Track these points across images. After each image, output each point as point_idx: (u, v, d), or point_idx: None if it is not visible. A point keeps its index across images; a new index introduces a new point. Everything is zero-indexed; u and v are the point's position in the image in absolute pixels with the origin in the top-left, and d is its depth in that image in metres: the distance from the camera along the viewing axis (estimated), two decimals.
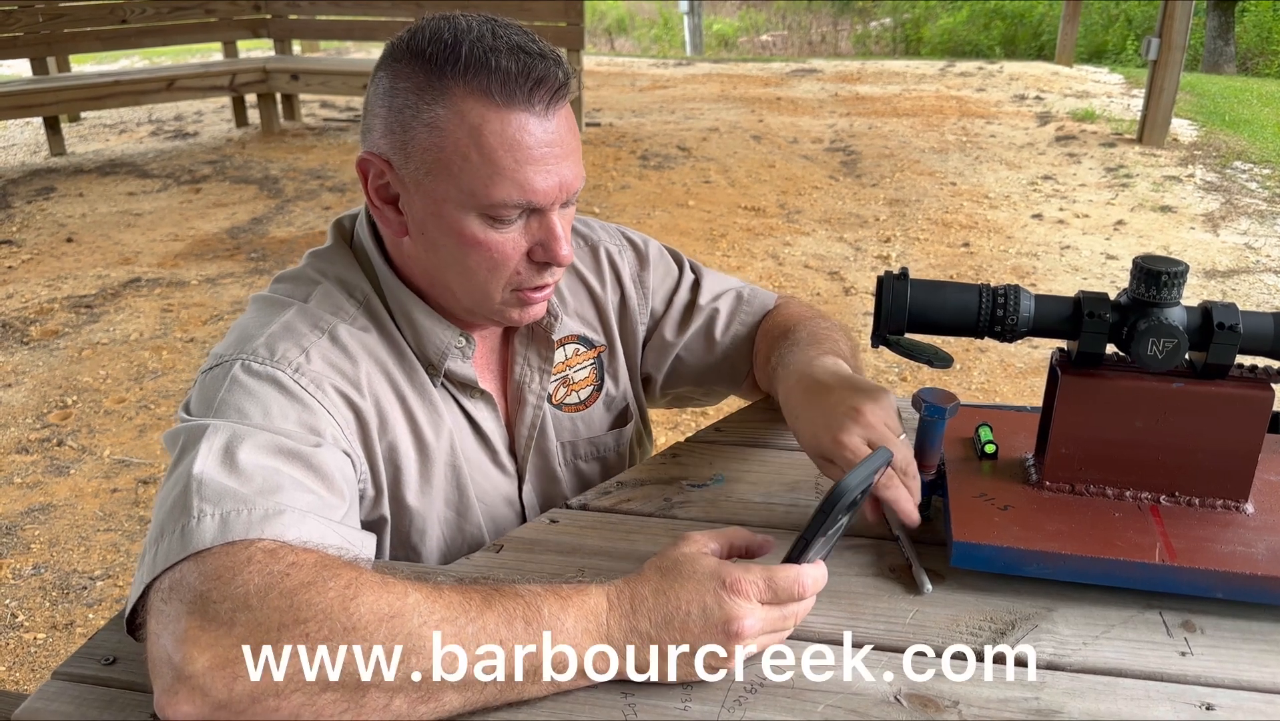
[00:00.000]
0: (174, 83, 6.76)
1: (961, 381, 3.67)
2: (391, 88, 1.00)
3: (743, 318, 1.36)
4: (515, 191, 0.99)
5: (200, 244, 4.99)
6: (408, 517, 1.11)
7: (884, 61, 11.43)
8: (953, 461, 1.13)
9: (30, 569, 2.65)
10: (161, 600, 0.80)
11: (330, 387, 1.01)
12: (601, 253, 1.31)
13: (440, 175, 0.99)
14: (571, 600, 0.84)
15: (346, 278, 1.10)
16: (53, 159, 6.59)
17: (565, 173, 1.01)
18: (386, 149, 1.02)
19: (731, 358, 1.35)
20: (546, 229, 1.03)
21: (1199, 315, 1.00)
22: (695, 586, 0.85)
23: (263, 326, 1.02)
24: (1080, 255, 4.84)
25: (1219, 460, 1.03)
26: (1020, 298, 1.02)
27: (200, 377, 1.00)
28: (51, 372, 3.70)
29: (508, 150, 0.97)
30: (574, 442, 1.28)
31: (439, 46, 0.97)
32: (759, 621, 0.84)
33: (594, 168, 6.19)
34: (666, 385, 1.38)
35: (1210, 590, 0.96)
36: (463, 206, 1.00)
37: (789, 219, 5.38)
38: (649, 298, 1.34)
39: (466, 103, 0.97)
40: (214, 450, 0.88)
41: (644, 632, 0.84)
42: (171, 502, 0.85)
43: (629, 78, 9.80)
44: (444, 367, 1.11)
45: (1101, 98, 8.57)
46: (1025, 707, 0.85)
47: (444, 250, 1.04)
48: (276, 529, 0.83)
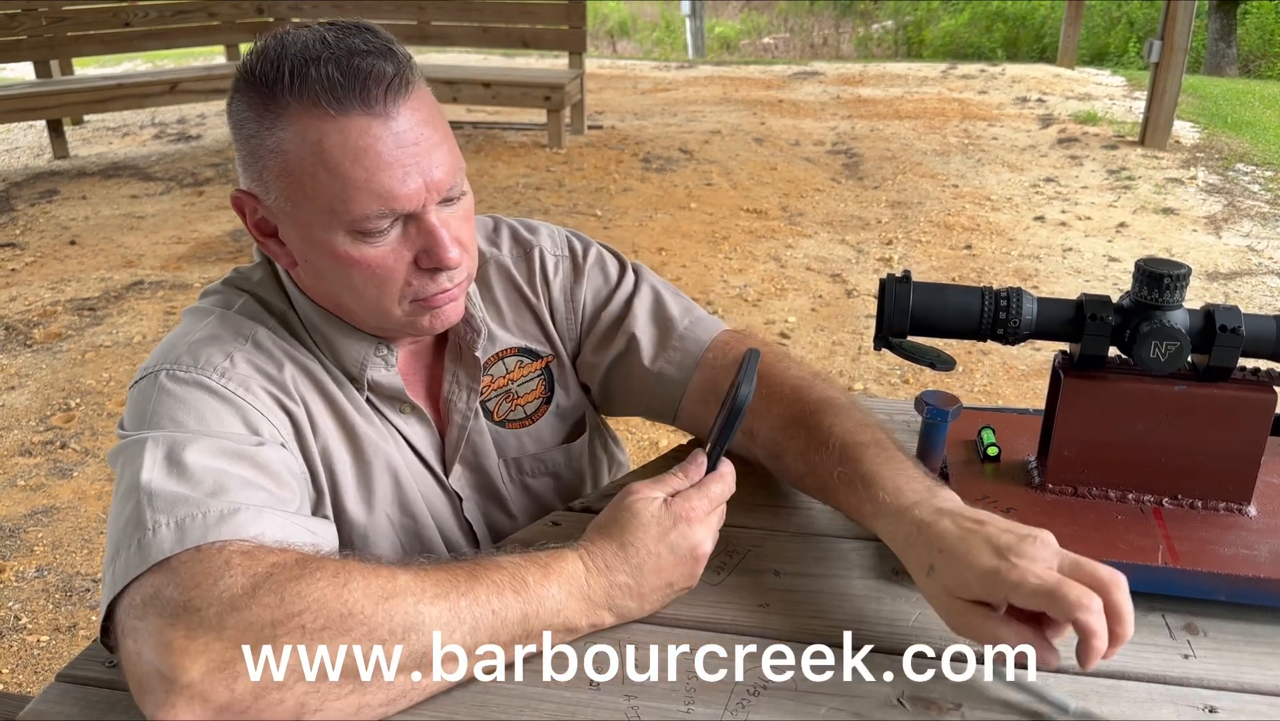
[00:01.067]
0: (177, 85, 6.77)
1: (964, 384, 3.67)
2: (238, 119, 0.96)
3: (670, 355, 1.20)
4: (374, 202, 0.93)
5: (203, 246, 5.00)
6: (348, 524, 1.09)
7: (886, 64, 11.44)
8: (955, 464, 1.13)
9: (33, 571, 2.65)
10: (135, 617, 0.78)
11: (259, 389, 0.99)
12: (536, 258, 1.22)
13: (298, 200, 0.94)
14: (551, 566, 0.89)
15: (263, 295, 1.08)
16: (56, 162, 6.60)
17: (430, 169, 0.95)
18: (249, 183, 0.98)
19: (660, 396, 1.21)
20: (426, 233, 0.97)
21: (1201, 318, 1.00)
22: (656, 529, 0.92)
23: (184, 336, 1.01)
24: (1082, 257, 4.84)
25: (1221, 462, 1.03)
26: (1022, 300, 1.02)
27: (130, 394, 0.99)
28: (54, 375, 3.70)
29: (355, 160, 0.91)
30: (519, 459, 1.24)
31: (267, 65, 0.92)
32: (711, 530, 0.95)
33: (596, 171, 6.20)
34: (606, 406, 1.30)
35: (1213, 592, 0.96)
36: (328, 227, 0.95)
37: (791, 221, 5.38)
38: (578, 312, 1.24)
39: (303, 120, 0.91)
40: (158, 460, 0.87)
41: (622, 584, 0.91)
42: (125, 519, 0.84)
43: (631, 80, 9.81)
44: (366, 379, 1.08)
45: (1103, 100, 8.57)
46: (1028, 710, 0.85)
47: (329, 274, 1.00)
48: (232, 528, 0.82)
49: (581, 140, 6.95)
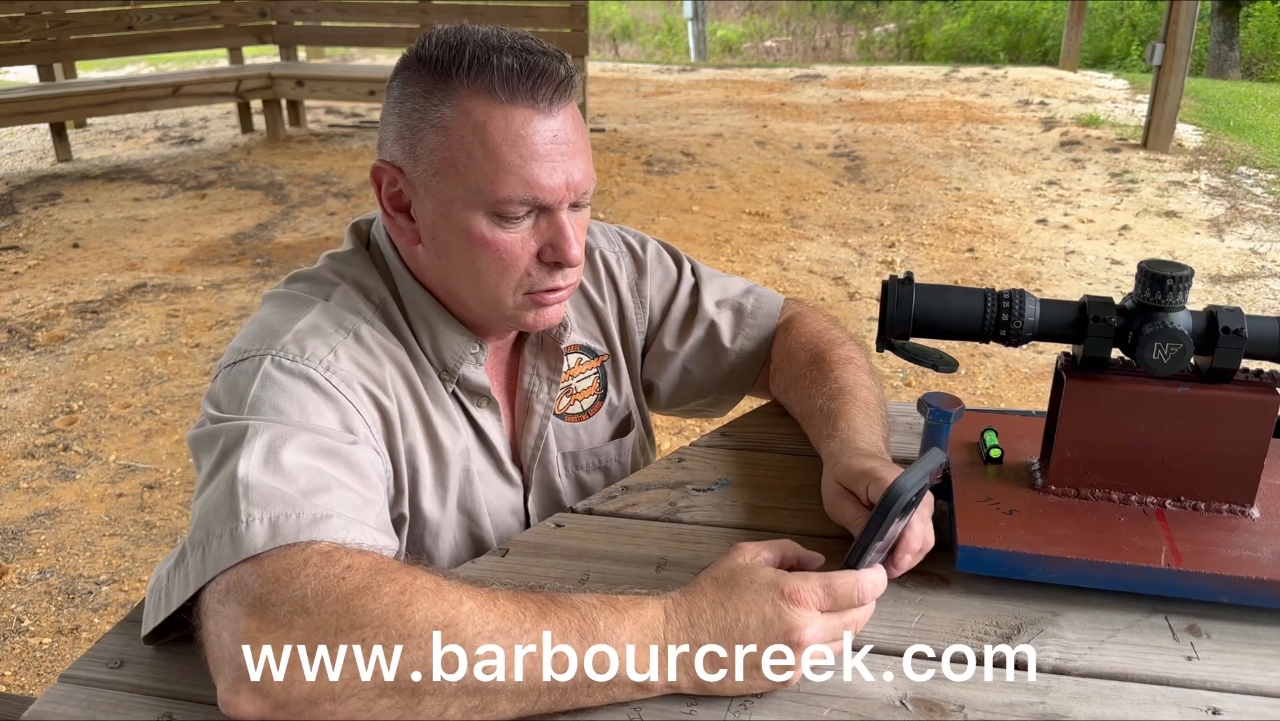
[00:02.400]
0: (180, 89, 6.79)
1: (966, 386, 3.67)
2: (401, 94, 1.02)
3: (748, 331, 1.34)
4: (521, 187, 0.99)
5: (206, 250, 5.01)
6: (421, 520, 1.11)
7: (888, 67, 11.44)
8: (958, 466, 1.13)
9: (36, 573, 2.65)
10: (218, 601, 0.80)
11: (359, 386, 1.01)
12: (598, 259, 1.29)
13: (448, 174, 1.00)
14: (627, 613, 0.83)
15: (364, 281, 1.10)
16: (59, 165, 6.61)
17: (573, 170, 1.01)
18: (398, 155, 1.03)
19: (739, 370, 1.34)
20: (555, 228, 1.03)
21: (1204, 319, 1.00)
22: (754, 596, 0.84)
23: (287, 323, 1.02)
24: (1085, 260, 4.84)
25: (1224, 464, 1.03)
26: (1025, 302, 1.02)
27: (223, 372, 1.00)
28: (57, 378, 3.71)
29: (512, 146, 0.98)
30: (575, 453, 1.27)
31: (445, 51, 0.99)
32: (819, 630, 0.84)
33: (598, 173, 6.18)
34: (674, 397, 1.37)
35: (1216, 594, 0.95)
36: (470, 205, 1.00)
37: (793, 224, 5.38)
38: (646, 306, 1.32)
39: (471, 101, 0.98)
40: (256, 451, 0.88)
41: (702, 646, 0.83)
42: (216, 505, 0.85)
43: (633, 83, 9.82)
44: (459, 374, 1.11)
45: (1106, 103, 8.57)
46: (1031, 712, 0.85)
47: (454, 253, 1.04)
48: (323, 532, 0.83)
49: None
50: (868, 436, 1.12)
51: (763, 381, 1.35)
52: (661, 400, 1.38)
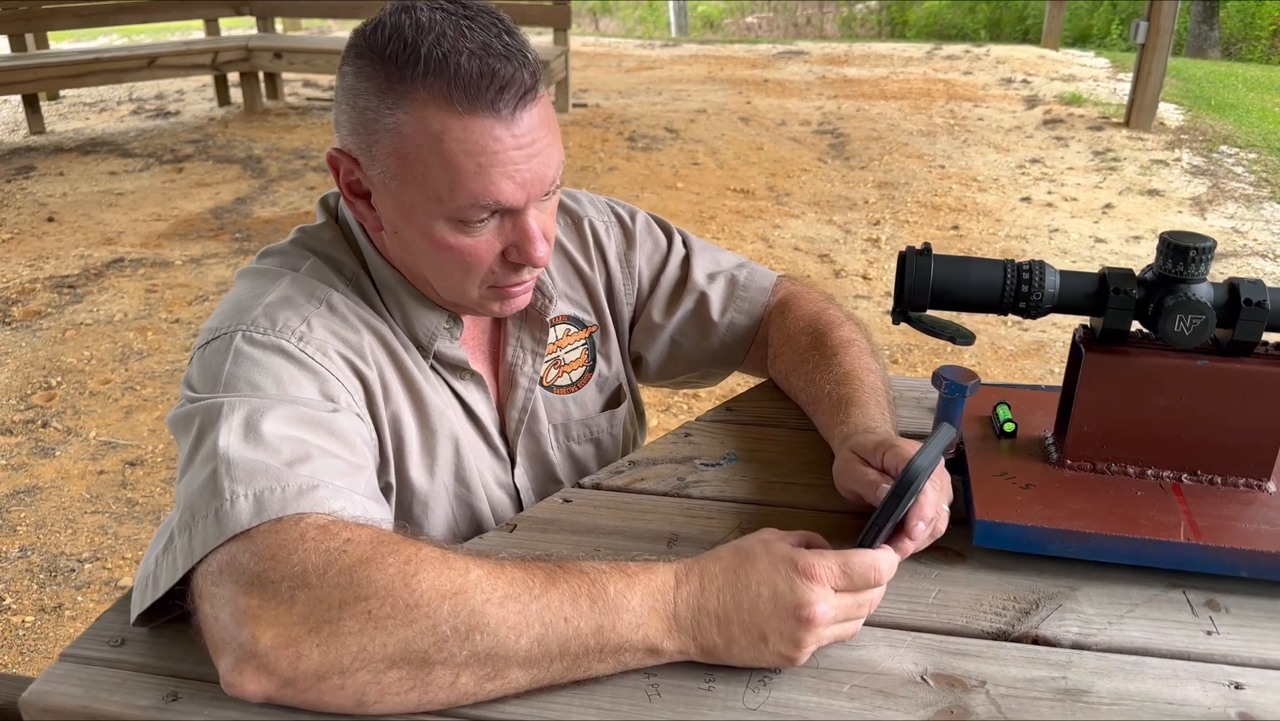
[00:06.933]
0: (155, 60, 6.66)
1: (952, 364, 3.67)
2: (354, 86, 0.95)
3: (739, 304, 1.31)
4: (481, 195, 0.94)
5: (184, 224, 4.93)
6: (409, 491, 1.09)
7: (871, 44, 11.40)
8: (972, 440, 1.12)
9: (17, 551, 2.61)
10: (211, 583, 0.78)
11: (335, 354, 0.98)
12: (587, 229, 1.26)
13: (405, 181, 0.95)
14: (638, 577, 0.82)
15: (334, 255, 1.07)
16: (32, 137, 6.49)
17: (539, 169, 0.96)
18: (353, 148, 0.98)
19: (729, 344, 1.32)
20: (520, 230, 0.99)
21: (1226, 291, 0.99)
22: (767, 568, 0.83)
23: (258, 297, 0.99)
24: (1069, 238, 4.84)
25: (1243, 438, 1.02)
26: (1045, 273, 1.00)
27: (197, 353, 0.97)
28: (35, 353, 3.64)
29: (470, 156, 0.92)
30: (566, 425, 1.26)
31: (399, 45, 0.91)
32: (832, 608, 0.82)
33: (581, 149, 6.15)
34: (663, 369, 1.35)
35: (1235, 569, 0.95)
36: (429, 212, 0.96)
37: (778, 201, 5.36)
38: (635, 278, 1.30)
39: (428, 109, 0.91)
40: (235, 427, 0.85)
41: (711, 611, 0.82)
42: (200, 485, 0.83)
43: (615, 58, 9.74)
44: (434, 349, 1.09)
45: (1088, 81, 8.58)
46: (1053, 687, 0.84)
47: (417, 250, 1.01)
48: (311, 502, 0.81)
49: (566, 118, 6.89)
50: (880, 423, 1.10)
51: (758, 362, 1.33)
52: (650, 373, 1.36)
